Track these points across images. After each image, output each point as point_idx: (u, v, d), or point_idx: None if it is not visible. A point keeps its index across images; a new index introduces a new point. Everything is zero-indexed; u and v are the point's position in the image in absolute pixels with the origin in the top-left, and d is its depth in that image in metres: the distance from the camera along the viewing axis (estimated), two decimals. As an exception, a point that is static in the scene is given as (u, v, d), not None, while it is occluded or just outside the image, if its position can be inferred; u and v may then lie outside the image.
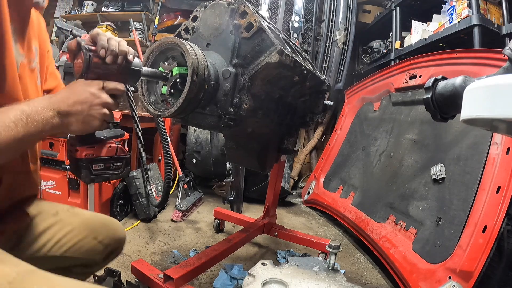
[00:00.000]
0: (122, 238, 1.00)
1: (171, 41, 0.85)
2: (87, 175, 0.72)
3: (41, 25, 0.85)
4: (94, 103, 0.65)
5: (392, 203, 1.86)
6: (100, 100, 0.66)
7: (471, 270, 1.17)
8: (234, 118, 0.94)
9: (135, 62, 0.73)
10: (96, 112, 0.65)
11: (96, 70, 0.66)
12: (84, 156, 0.71)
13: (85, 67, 0.64)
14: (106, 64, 0.67)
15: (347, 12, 3.20)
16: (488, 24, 2.01)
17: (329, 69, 3.19)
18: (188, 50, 0.81)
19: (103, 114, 0.67)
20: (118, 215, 2.06)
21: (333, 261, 1.23)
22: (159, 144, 2.60)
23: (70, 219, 0.89)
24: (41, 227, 0.85)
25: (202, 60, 0.84)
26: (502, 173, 1.27)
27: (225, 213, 2.05)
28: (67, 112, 0.63)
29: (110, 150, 0.76)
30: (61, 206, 0.93)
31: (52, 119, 0.62)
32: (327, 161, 2.94)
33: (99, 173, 0.74)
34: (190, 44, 0.84)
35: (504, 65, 0.60)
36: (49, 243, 0.84)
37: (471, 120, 0.48)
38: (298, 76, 1.08)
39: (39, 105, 0.61)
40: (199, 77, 0.82)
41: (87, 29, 3.32)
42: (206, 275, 1.56)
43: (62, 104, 0.63)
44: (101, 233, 0.93)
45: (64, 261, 0.88)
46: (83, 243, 0.89)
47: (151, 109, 0.88)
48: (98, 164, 0.73)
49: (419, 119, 1.96)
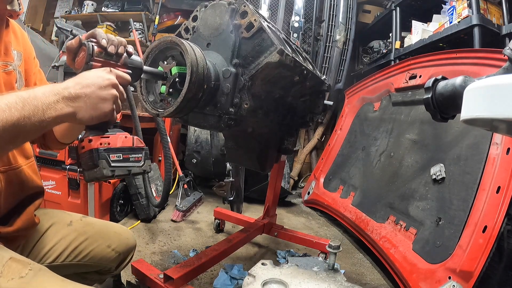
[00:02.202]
0: (133, 246, 1.03)
1: (170, 40, 0.85)
2: (105, 166, 0.61)
3: (24, 35, 0.86)
4: (103, 84, 0.60)
5: (392, 203, 1.86)
6: (110, 81, 0.61)
7: (471, 270, 1.17)
8: (234, 118, 0.94)
9: (136, 59, 0.72)
10: (106, 93, 0.60)
11: (99, 60, 0.64)
12: (100, 145, 0.62)
13: (88, 56, 0.62)
14: (108, 55, 0.65)
15: (347, 12, 3.20)
16: (488, 24, 2.01)
17: (329, 69, 3.19)
18: (188, 50, 0.81)
19: (113, 96, 0.61)
20: (118, 215, 2.06)
21: (333, 261, 1.23)
22: (159, 144, 2.60)
23: (84, 228, 0.92)
24: (57, 237, 0.88)
25: (202, 59, 0.84)
26: (502, 173, 1.26)
27: (225, 213, 2.05)
28: (75, 96, 0.57)
29: (126, 141, 0.67)
30: (74, 216, 0.96)
31: (55, 104, 0.56)
32: (327, 161, 2.94)
33: (118, 165, 0.63)
34: (189, 44, 0.84)
35: (504, 65, 0.60)
36: (65, 252, 0.87)
37: (471, 120, 0.48)
38: (298, 76, 1.08)
39: (39, 90, 0.56)
40: (198, 77, 0.82)
41: (87, 29, 3.31)
42: (206, 275, 1.56)
43: (68, 89, 0.58)
44: (115, 241, 0.96)
45: (80, 268, 0.91)
46: (98, 251, 0.92)
47: (150, 108, 0.88)
48: (116, 154, 0.63)
49: (419, 119, 1.96)
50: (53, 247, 0.86)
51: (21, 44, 0.83)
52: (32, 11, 4.07)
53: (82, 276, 0.95)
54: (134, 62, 0.72)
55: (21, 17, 3.71)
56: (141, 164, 0.68)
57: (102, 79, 0.60)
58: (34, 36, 2.71)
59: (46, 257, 0.84)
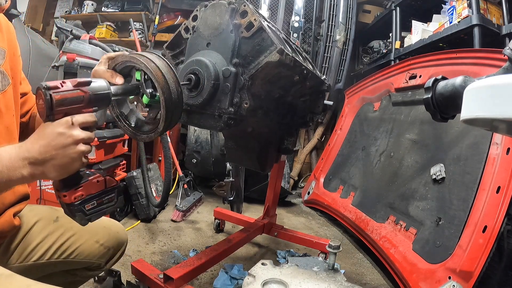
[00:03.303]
0: (124, 240, 1.01)
1: (124, 60, 0.70)
2: (82, 218, 0.66)
3: (10, 29, 0.82)
4: (67, 143, 0.58)
5: (392, 203, 1.86)
6: (73, 138, 0.59)
7: (471, 270, 1.17)
8: (234, 117, 0.94)
9: (99, 85, 0.63)
10: (72, 152, 0.59)
11: (60, 108, 0.58)
12: (74, 199, 0.64)
13: (47, 108, 0.57)
14: (70, 98, 0.59)
15: (347, 12, 3.19)
16: (488, 24, 2.01)
17: (329, 69, 3.19)
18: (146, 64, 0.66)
19: (80, 152, 0.60)
20: (118, 215, 2.07)
21: (333, 261, 1.23)
22: (159, 144, 2.60)
23: (71, 224, 0.89)
24: (42, 234, 0.85)
25: (163, 65, 0.68)
26: (502, 173, 1.26)
27: (225, 213, 2.05)
28: (41, 161, 0.58)
29: (99, 185, 0.69)
30: (61, 211, 0.92)
31: (22, 169, 0.57)
32: (327, 161, 2.94)
33: (93, 212, 0.67)
34: (144, 55, 0.68)
35: (504, 65, 0.60)
36: (51, 249, 0.85)
37: (471, 120, 0.48)
38: (298, 76, 1.08)
39: (6, 154, 0.57)
40: (170, 89, 0.68)
41: (87, 29, 3.32)
42: (206, 275, 1.56)
43: (33, 153, 0.57)
44: (103, 236, 0.94)
45: (68, 265, 0.89)
46: (85, 247, 0.90)
47: (140, 135, 0.75)
48: (90, 203, 0.67)
49: (419, 119, 1.96)
50: (38, 244, 0.84)
51: (6, 39, 0.78)
52: (32, 11, 4.07)
53: (71, 273, 0.92)
54: (98, 89, 0.63)
55: (21, 17, 3.71)
56: (114, 203, 0.72)
57: (65, 138, 0.58)
58: (34, 36, 2.70)
59: (31, 256, 0.82)
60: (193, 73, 0.93)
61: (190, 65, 0.95)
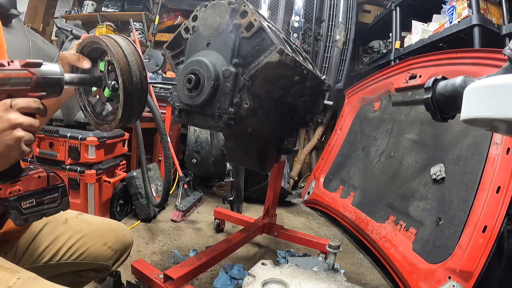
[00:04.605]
0: (130, 243, 1.02)
1: (90, 41, 0.66)
2: (17, 217, 0.58)
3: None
4: (2, 128, 0.52)
5: (392, 203, 1.86)
6: (9, 122, 0.52)
7: (471, 270, 1.17)
8: (234, 117, 0.94)
9: (51, 69, 0.58)
10: (8, 139, 0.52)
11: (3, 88, 0.53)
12: (9, 194, 0.57)
13: None
14: (15, 77, 0.54)
15: (347, 12, 3.20)
16: (488, 24, 2.01)
17: (329, 69, 3.19)
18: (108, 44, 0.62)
19: (17, 139, 0.53)
20: (118, 215, 2.06)
21: (333, 261, 1.23)
22: (159, 144, 2.60)
23: (80, 226, 0.91)
24: (52, 236, 0.86)
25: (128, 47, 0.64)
26: (502, 173, 1.26)
27: (225, 213, 2.05)
28: None
29: (40, 182, 0.61)
30: (70, 213, 0.94)
31: None
32: (327, 161, 2.94)
33: (31, 211, 0.60)
34: (110, 37, 0.64)
35: (504, 65, 0.60)
36: (61, 250, 0.86)
37: (471, 120, 0.48)
38: (298, 76, 1.08)
39: None
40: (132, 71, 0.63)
41: (87, 29, 3.32)
42: (206, 275, 1.56)
43: None
44: (111, 239, 0.95)
45: (76, 266, 0.90)
46: (94, 249, 0.91)
47: (104, 125, 0.70)
48: (28, 201, 0.59)
49: (419, 119, 1.96)
50: (48, 246, 0.85)
51: None
52: (32, 11, 4.07)
53: (78, 274, 0.94)
54: (49, 73, 0.57)
55: (21, 17, 3.71)
56: (57, 204, 0.64)
57: (1, 121, 0.52)
58: (34, 36, 2.70)
59: (41, 257, 0.83)
60: (193, 73, 0.93)
61: (190, 65, 0.95)
